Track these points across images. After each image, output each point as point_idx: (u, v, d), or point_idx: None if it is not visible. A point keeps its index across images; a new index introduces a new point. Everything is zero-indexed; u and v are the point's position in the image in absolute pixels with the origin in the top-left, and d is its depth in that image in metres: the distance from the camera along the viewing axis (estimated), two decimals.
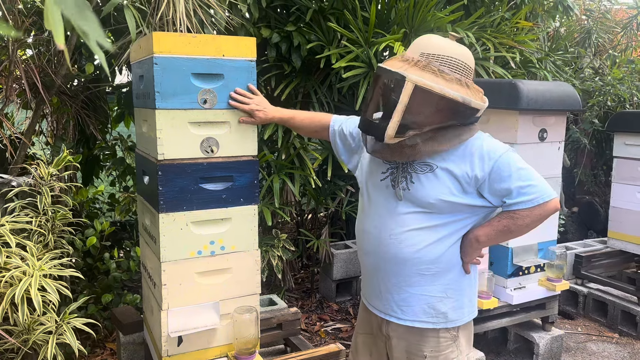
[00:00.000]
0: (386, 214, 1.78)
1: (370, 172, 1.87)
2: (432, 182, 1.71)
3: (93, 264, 3.34)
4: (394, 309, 1.81)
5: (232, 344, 2.24)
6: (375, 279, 1.85)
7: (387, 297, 1.81)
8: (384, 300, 1.83)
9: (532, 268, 3.15)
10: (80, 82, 3.54)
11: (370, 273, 1.87)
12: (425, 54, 1.64)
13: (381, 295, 1.83)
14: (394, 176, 1.78)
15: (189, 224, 2.11)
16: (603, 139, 5.58)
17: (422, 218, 1.73)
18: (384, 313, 1.84)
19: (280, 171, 3.47)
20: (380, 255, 1.79)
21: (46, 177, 2.56)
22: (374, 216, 1.82)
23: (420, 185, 1.72)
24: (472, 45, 3.49)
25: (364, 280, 1.95)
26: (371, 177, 1.86)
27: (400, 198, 1.75)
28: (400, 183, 1.75)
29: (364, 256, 1.89)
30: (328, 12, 3.39)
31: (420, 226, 1.74)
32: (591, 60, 5.91)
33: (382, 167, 1.82)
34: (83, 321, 2.28)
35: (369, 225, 1.83)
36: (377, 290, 1.84)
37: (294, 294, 4.15)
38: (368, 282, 1.90)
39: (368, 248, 1.84)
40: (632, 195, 3.97)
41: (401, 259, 1.75)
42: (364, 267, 1.93)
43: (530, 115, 2.99)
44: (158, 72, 1.96)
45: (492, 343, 3.52)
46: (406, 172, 1.75)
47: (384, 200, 1.79)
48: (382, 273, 1.81)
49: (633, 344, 3.62)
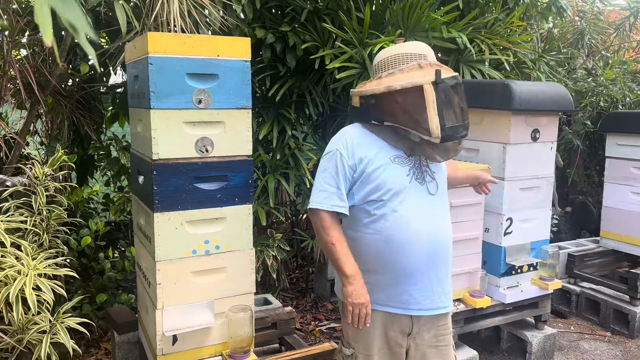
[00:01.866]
0: (431, 209, 1.91)
1: (397, 179, 1.87)
2: (441, 169, 2.00)
3: (88, 264, 3.34)
4: (442, 299, 1.94)
5: (226, 343, 2.25)
6: (426, 278, 1.89)
7: (438, 291, 1.92)
8: (435, 294, 1.91)
9: (525, 267, 3.17)
10: (75, 82, 3.54)
11: (420, 275, 1.88)
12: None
13: (432, 291, 1.91)
14: (417, 174, 1.91)
15: (184, 224, 2.12)
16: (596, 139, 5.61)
17: (446, 204, 2.00)
18: (432, 309, 1.92)
19: (275, 171, 3.49)
20: (437, 249, 1.90)
21: (41, 177, 2.57)
22: (421, 215, 1.87)
23: (440, 174, 1.99)
24: (466, 47, 3.52)
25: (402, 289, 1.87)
26: (397, 181, 1.87)
27: (435, 191, 1.93)
28: (426, 178, 1.92)
29: (411, 258, 1.84)
30: (323, 12, 3.41)
31: (448, 210, 2.01)
32: (584, 61, 5.94)
33: (403, 170, 1.89)
34: (77, 321, 2.29)
35: (419, 225, 1.86)
36: (428, 287, 1.90)
37: (288, 293, 4.16)
38: (411, 286, 1.87)
39: (424, 249, 1.86)
40: (624, 195, 4.00)
41: (449, 246, 1.95)
42: (409, 273, 1.85)
43: (523, 116, 3.01)
44: (153, 72, 1.97)
45: (485, 342, 3.55)
46: (425, 167, 1.94)
47: (421, 197, 1.90)
48: (436, 268, 1.91)
49: (625, 343, 3.65)
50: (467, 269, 2.97)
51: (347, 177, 1.89)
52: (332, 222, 1.89)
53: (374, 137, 1.91)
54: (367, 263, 1.91)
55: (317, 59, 3.26)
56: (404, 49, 1.92)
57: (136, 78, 2.21)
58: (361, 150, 1.88)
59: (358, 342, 1.97)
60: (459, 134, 1.86)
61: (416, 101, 1.80)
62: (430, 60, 1.87)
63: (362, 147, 1.89)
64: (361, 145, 1.89)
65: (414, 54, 1.88)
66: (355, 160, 1.87)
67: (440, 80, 1.79)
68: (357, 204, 1.90)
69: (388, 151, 1.89)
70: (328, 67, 3.14)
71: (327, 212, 1.88)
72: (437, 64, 1.86)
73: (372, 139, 1.91)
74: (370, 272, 1.91)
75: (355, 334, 1.98)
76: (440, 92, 1.80)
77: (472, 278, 3.00)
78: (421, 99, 1.79)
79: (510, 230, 3.09)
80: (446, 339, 2.00)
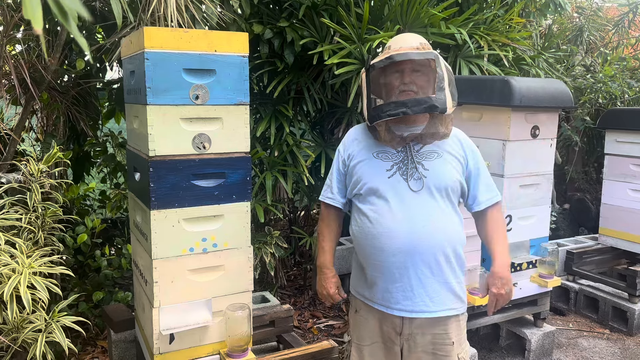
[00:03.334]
0: (410, 206, 1.82)
1: (374, 174, 1.87)
2: (444, 166, 1.87)
3: (84, 262, 3.32)
4: (426, 303, 1.84)
5: (224, 342, 2.24)
6: (405, 277, 1.83)
7: (419, 292, 1.83)
8: (416, 295, 1.83)
9: (524, 264, 3.16)
10: (70, 78, 3.51)
11: (397, 273, 1.83)
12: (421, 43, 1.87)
13: (412, 292, 1.83)
14: (402, 170, 1.85)
15: (181, 221, 2.10)
16: (594, 136, 5.61)
17: (443, 203, 1.85)
18: (413, 311, 1.84)
19: (272, 168, 3.46)
20: (414, 248, 1.80)
21: (36, 173, 2.54)
22: (398, 213, 1.82)
23: (435, 171, 1.85)
24: (465, 43, 3.49)
25: (383, 286, 1.87)
26: (377, 177, 1.86)
27: (418, 188, 1.83)
28: (413, 174, 1.84)
29: (390, 257, 1.82)
30: (321, 8, 3.38)
31: (444, 211, 1.85)
32: (583, 58, 5.93)
33: (384, 165, 1.87)
34: (73, 319, 2.26)
35: (394, 224, 1.81)
36: (407, 288, 1.83)
37: (286, 291, 4.14)
38: (391, 284, 1.85)
39: (396, 246, 1.80)
40: (623, 192, 3.99)
41: (434, 247, 1.82)
42: (386, 270, 1.84)
43: (522, 113, 2.99)
44: (149, 68, 1.95)
45: (484, 339, 3.54)
46: (415, 163, 1.85)
47: (401, 195, 1.83)
48: (415, 267, 1.82)
49: (624, 340, 3.65)
50: (466, 267, 2.95)
51: (340, 172, 2.01)
52: (325, 213, 2.06)
53: (368, 133, 1.96)
54: (359, 257, 1.96)
55: (316, 54, 3.24)
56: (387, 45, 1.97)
57: (132, 74, 2.18)
58: (353, 145, 1.97)
59: (354, 331, 2.04)
60: (383, 113, 1.78)
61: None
62: (392, 48, 1.84)
63: (355, 142, 1.98)
64: (355, 141, 1.98)
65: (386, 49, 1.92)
66: (346, 156, 1.98)
67: (369, 65, 1.85)
68: (351, 198, 1.99)
69: (374, 146, 1.91)
70: (327, 62, 3.12)
71: (324, 203, 2.06)
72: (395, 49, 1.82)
73: (365, 135, 1.96)
74: (362, 267, 1.94)
75: (353, 324, 2.04)
76: (371, 76, 1.85)
77: (471, 275, 2.98)
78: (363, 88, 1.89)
79: (509, 228, 3.07)
80: (446, 350, 1.88)
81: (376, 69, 1.84)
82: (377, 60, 1.82)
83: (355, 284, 2.02)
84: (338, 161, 2.01)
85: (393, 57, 1.79)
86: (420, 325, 1.87)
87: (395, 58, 1.78)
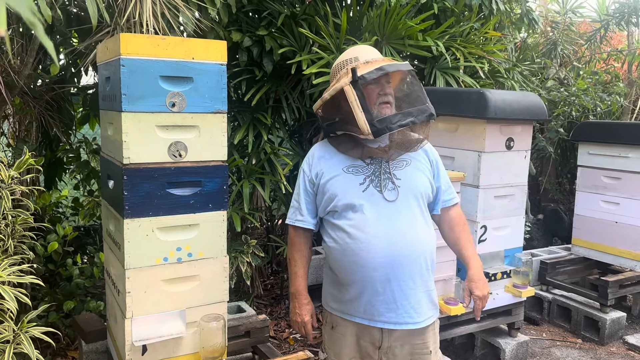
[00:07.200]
0: (388, 218, 1.81)
1: (348, 189, 1.86)
2: (414, 173, 1.90)
3: (55, 270, 3.24)
4: (410, 314, 1.84)
5: (198, 353, 2.20)
6: (387, 290, 1.81)
7: (402, 304, 1.82)
8: (400, 307, 1.82)
9: (499, 275, 3.19)
10: (44, 83, 3.44)
11: (380, 287, 1.81)
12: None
13: (396, 304, 1.82)
14: (375, 182, 1.84)
15: (155, 230, 2.06)
16: (568, 148, 5.72)
17: (418, 211, 1.87)
18: (397, 323, 1.83)
19: (250, 176, 3.44)
20: (396, 261, 1.79)
21: (6, 180, 2.47)
22: (376, 226, 1.80)
23: (408, 179, 1.87)
24: (441, 55, 3.53)
25: (365, 299, 1.84)
26: (351, 192, 1.85)
27: (393, 198, 1.82)
28: (387, 185, 1.84)
29: (372, 272, 1.80)
30: (300, 17, 3.39)
31: (420, 219, 1.87)
32: (557, 71, 6.06)
33: (357, 179, 1.86)
34: (42, 330, 2.20)
35: (373, 237, 1.79)
36: (390, 300, 1.82)
37: (263, 300, 4.10)
38: (374, 298, 1.83)
39: (377, 261, 1.79)
40: (595, 203, 4.07)
41: (416, 257, 1.82)
42: (369, 284, 1.82)
43: (497, 124, 3.04)
44: (125, 74, 1.92)
45: (460, 349, 3.55)
46: (386, 174, 1.85)
47: (378, 207, 1.82)
48: (398, 280, 1.80)
49: (595, 349, 3.71)
50: (442, 277, 2.97)
51: (308, 192, 1.98)
52: (295, 238, 2.02)
53: (333, 149, 1.95)
54: (335, 273, 1.92)
55: (294, 64, 3.24)
56: (341, 57, 1.96)
57: (108, 80, 2.15)
58: (320, 163, 1.95)
59: (331, 348, 2.00)
60: (393, 124, 1.78)
61: (346, 105, 1.82)
62: (362, 60, 1.85)
63: (322, 160, 1.95)
64: (321, 158, 1.96)
65: (348, 60, 1.91)
66: (313, 175, 1.95)
67: (357, 77, 1.78)
68: (322, 216, 1.97)
69: (343, 161, 1.90)
70: (305, 72, 3.12)
71: (293, 226, 2.02)
72: (367, 61, 1.84)
73: (331, 152, 1.95)
74: (339, 283, 1.91)
75: (329, 340, 2.00)
76: (361, 89, 1.79)
77: (446, 286, 3.00)
78: (346, 101, 1.81)
79: (484, 238, 3.10)
80: (424, 359, 1.91)
81: (367, 81, 1.80)
82: (366, 72, 1.78)
83: (330, 299, 1.99)
84: (304, 181, 1.98)
85: (384, 67, 1.79)
86: (400, 337, 1.87)
87: (387, 69, 1.80)
